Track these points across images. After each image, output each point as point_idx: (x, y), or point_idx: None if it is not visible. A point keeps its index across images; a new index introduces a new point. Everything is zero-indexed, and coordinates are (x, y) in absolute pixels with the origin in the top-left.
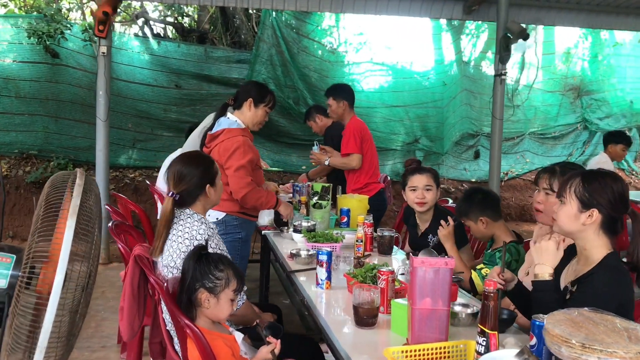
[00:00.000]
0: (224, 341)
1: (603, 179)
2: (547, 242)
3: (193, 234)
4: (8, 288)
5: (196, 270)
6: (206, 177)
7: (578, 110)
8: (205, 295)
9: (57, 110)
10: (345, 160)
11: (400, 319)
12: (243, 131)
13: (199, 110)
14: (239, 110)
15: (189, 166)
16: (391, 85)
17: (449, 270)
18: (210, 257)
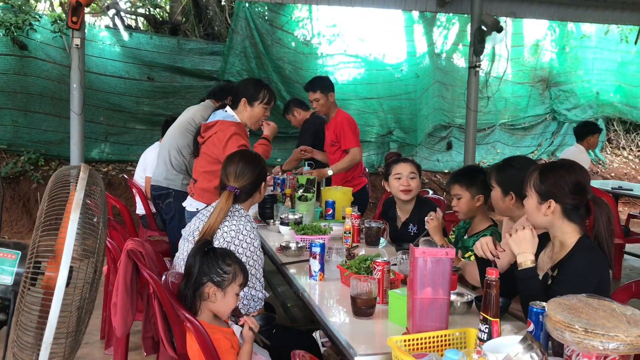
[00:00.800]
0: (223, 335)
1: (557, 171)
2: (523, 232)
3: (240, 228)
4: (13, 285)
5: (203, 264)
6: (262, 176)
7: (547, 102)
8: (212, 289)
9: (26, 104)
10: (350, 158)
11: (398, 308)
12: (237, 125)
13: (172, 102)
14: (237, 110)
15: (250, 164)
16: (364, 77)
17: (450, 260)
18: (216, 251)
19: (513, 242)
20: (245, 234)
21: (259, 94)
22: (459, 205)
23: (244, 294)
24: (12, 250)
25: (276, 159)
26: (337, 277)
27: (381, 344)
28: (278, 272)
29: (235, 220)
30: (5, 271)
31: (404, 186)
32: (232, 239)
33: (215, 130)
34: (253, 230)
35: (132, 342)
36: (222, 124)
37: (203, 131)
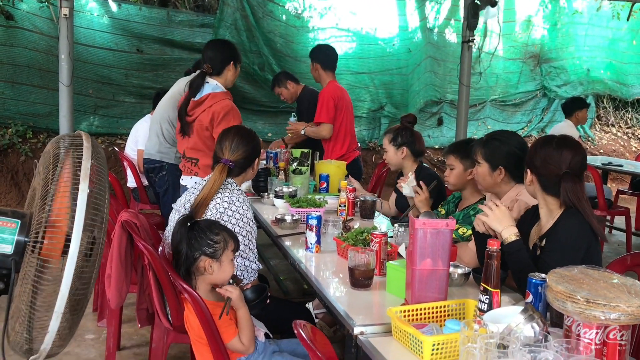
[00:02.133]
0: (220, 306)
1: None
2: (499, 209)
3: (233, 199)
4: (13, 254)
5: (191, 240)
6: (256, 152)
7: (537, 78)
8: (207, 261)
9: (13, 75)
10: (316, 130)
11: (396, 280)
12: (227, 94)
13: (162, 75)
14: (219, 76)
15: (245, 139)
16: (356, 52)
17: (450, 231)
18: (201, 224)
19: (493, 221)
20: (238, 205)
21: (238, 54)
22: (450, 176)
23: (237, 264)
24: (12, 219)
25: (267, 134)
26: (333, 249)
27: (379, 315)
28: (271, 245)
29: (227, 192)
30: (6, 240)
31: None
32: (225, 210)
33: (209, 104)
34: (246, 202)
35: (125, 315)
36: (215, 97)
37: (192, 108)
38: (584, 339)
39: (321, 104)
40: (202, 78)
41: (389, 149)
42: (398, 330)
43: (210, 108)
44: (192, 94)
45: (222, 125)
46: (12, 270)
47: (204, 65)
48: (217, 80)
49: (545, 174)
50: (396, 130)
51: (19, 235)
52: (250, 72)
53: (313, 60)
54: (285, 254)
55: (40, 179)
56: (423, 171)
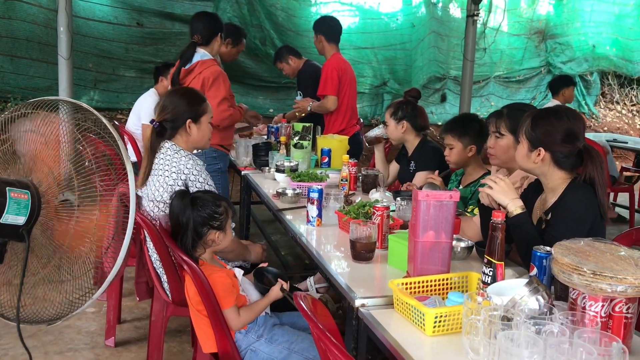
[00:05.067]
0: (226, 273)
1: (549, 118)
2: (503, 182)
3: (180, 167)
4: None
5: (197, 216)
6: (189, 112)
7: (542, 54)
8: (216, 234)
9: (12, 49)
10: (321, 103)
11: (398, 253)
12: (215, 61)
13: (162, 49)
14: (207, 46)
15: (174, 97)
16: (359, 27)
17: (453, 203)
18: (202, 198)
19: (499, 193)
20: (187, 172)
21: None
22: (450, 155)
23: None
24: (22, 190)
25: (268, 109)
26: (334, 222)
27: (381, 287)
28: (272, 221)
29: (168, 159)
30: (20, 212)
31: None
32: (175, 182)
33: (198, 71)
34: (196, 166)
35: (125, 288)
36: (204, 64)
37: (183, 76)
38: (590, 312)
39: (325, 76)
40: (193, 48)
41: (389, 122)
42: (400, 303)
43: (200, 74)
44: (183, 63)
45: (212, 89)
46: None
47: (193, 36)
48: (205, 50)
49: (561, 150)
50: (397, 103)
51: (32, 207)
52: (252, 47)
53: (317, 32)
54: (286, 228)
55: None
56: (426, 144)
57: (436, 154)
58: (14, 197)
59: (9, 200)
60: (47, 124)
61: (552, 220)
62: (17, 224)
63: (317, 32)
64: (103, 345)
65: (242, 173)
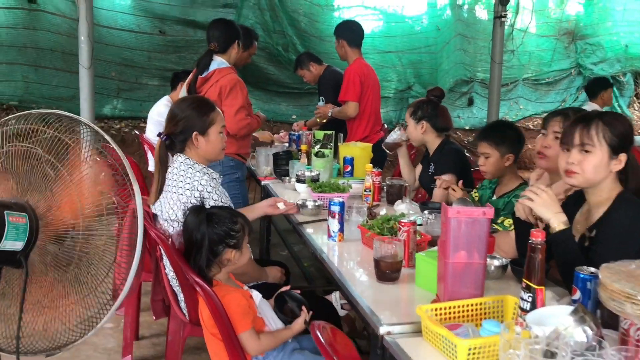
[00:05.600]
0: (241, 294)
1: (623, 121)
2: (546, 193)
3: (194, 184)
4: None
5: (213, 234)
6: (195, 124)
7: (572, 55)
8: (232, 253)
9: (36, 59)
10: (341, 109)
11: (426, 273)
12: (232, 69)
13: (185, 57)
14: (224, 53)
15: (181, 107)
16: (383, 30)
17: (487, 220)
18: (219, 215)
19: (540, 206)
20: (201, 189)
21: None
22: (486, 165)
23: None
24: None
25: (291, 116)
26: (357, 237)
27: (407, 312)
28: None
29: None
30: (19, 237)
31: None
32: (188, 199)
33: (216, 79)
34: (211, 182)
35: (144, 303)
36: (221, 72)
37: (200, 85)
38: None
39: (347, 82)
40: (210, 56)
41: (409, 122)
42: (429, 331)
43: (217, 83)
44: (200, 71)
45: (229, 98)
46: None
47: (210, 43)
48: (222, 58)
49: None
50: (417, 103)
51: (29, 231)
52: (274, 53)
53: (339, 37)
54: (306, 243)
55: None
56: (447, 146)
57: (457, 156)
58: (12, 222)
59: (8, 225)
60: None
61: (597, 237)
62: (14, 250)
63: (339, 37)
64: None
65: (262, 183)
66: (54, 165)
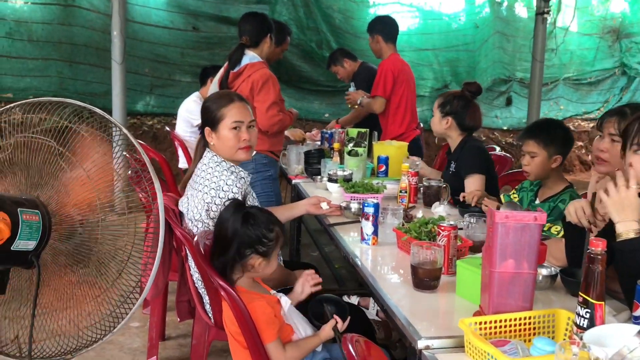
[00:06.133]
0: (267, 301)
1: None
2: (627, 192)
3: (220, 184)
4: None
5: (244, 235)
6: (207, 119)
7: (616, 54)
8: (259, 261)
9: (71, 55)
10: (369, 102)
11: (467, 282)
12: (264, 64)
13: (218, 54)
14: (256, 48)
15: (205, 101)
16: (419, 28)
17: (539, 226)
18: (257, 217)
19: (613, 205)
20: (227, 189)
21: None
22: (531, 165)
23: None
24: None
25: (324, 114)
26: (392, 241)
27: (447, 324)
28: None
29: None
30: (32, 236)
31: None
32: (212, 199)
33: (248, 74)
34: (238, 182)
35: (171, 301)
36: (253, 67)
37: (232, 80)
38: None
39: (379, 77)
40: (241, 50)
41: (435, 113)
42: (472, 347)
43: (249, 78)
44: (232, 66)
45: (262, 93)
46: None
47: (241, 37)
48: (254, 52)
49: None
50: (448, 95)
51: (42, 229)
52: (308, 50)
53: (373, 32)
54: (338, 246)
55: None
56: (469, 143)
57: (481, 154)
58: (26, 220)
59: (22, 223)
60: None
61: None
62: (27, 250)
63: (374, 32)
64: None
65: (293, 182)
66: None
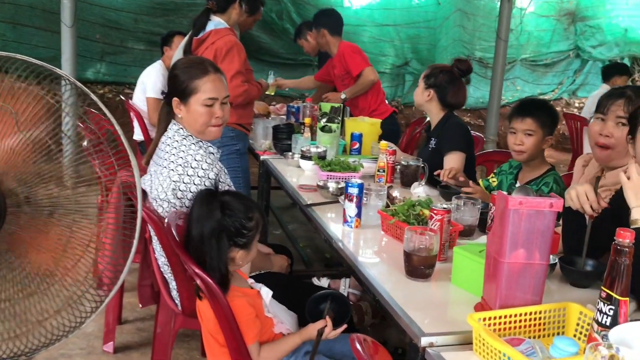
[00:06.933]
0: (247, 300)
1: None
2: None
3: (188, 159)
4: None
5: (222, 228)
6: (176, 88)
7: (571, 37)
8: (239, 253)
9: (14, 16)
10: (361, 81)
11: (465, 270)
12: (231, 30)
13: (174, 21)
14: (224, 14)
15: (175, 65)
16: (381, 3)
17: (554, 214)
18: (233, 206)
19: (632, 189)
20: (195, 165)
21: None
22: (526, 144)
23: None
24: None
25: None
26: (374, 223)
27: (448, 318)
28: (288, 208)
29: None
30: None
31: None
32: (180, 177)
33: (211, 41)
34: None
35: (129, 282)
36: (217, 33)
37: (195, 47)
38: None
39: (351, 55)
40: (206, 15)
41: (419, 84)
42: (483, 346)
43: (212, 45)
44: (195, 32)
45: (225, 62)
46: None
47: (208, 2)
48: (220, 18)
49: None
50: (435, 67)
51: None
52: (268, 20)
53: (318, 26)
54: (317, 228)
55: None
56: (451, 119)
57: (461, 130)
58: None
59: None
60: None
61: None
62: None
63: (320, 27)
64: (101, 350)
65: (261, 158)
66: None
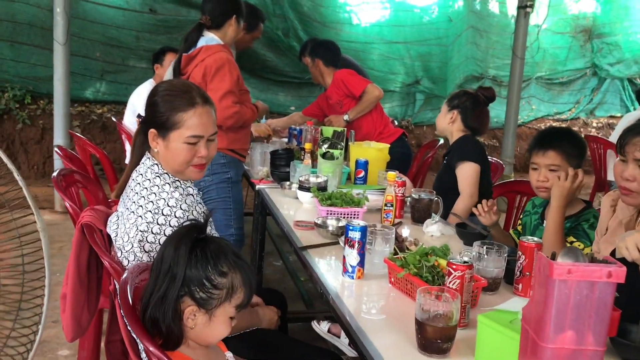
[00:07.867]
0: None
1: None
2: None
3: (159, 204)
4: None
5: (187, 266)
6: (154, 119)
7: (588, 55)
8: (190, 308)
9: (12, 34)
10: (366, 98)
11: (492, 345)
12: (224, 47)
13: (176, 39)
14: (219, 30)
15: (154, 91)
16: (390, 19)
17: (612, 286)
18: (209, 247)
19: None
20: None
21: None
22: (551, 181)
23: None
24: None
25: (289, 107)
26: (380, 273)
27: None
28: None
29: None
30: None
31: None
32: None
33: (201, 58)
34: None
35: None
36: (208, 50)
37: (185, 65)
38: None
39: (349, 79)
40: (199, 31)
41: (443, 108)
42: None
43: (202, 62)
44: (185, 48)
45: (215, 81)
46: None
47: (201, 17)
48: (215, 34)
49: None
50: (460, 92)
51: None
52: (273, 38)
53: (314, 56)
54: (312, 277)
55: None
56: (467, 140)
57: (476, 145)
58: None
59: None
60: None
61: None
62: None
63: (315, 57)
64: None
65: (257, 187)
66: None
